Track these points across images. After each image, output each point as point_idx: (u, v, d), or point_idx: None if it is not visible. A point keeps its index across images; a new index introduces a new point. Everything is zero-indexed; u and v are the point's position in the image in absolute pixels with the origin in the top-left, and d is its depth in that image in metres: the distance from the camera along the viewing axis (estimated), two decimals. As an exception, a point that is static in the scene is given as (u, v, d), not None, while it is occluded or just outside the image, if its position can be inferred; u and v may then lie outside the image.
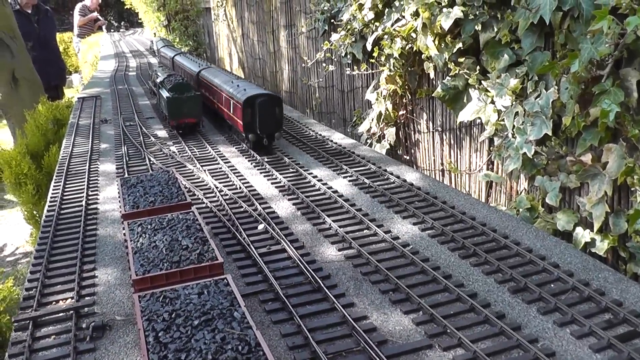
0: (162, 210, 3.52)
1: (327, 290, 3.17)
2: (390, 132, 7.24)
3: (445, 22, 5.43)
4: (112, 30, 37.05)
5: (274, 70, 13.23)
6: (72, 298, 3.31)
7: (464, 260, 3.54)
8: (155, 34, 23.10)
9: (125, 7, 31.53)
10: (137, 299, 2.43)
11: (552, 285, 3.23)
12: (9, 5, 11.41)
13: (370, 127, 7.51)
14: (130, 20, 42.44)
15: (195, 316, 2.25)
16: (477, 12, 5.33)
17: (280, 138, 6.26)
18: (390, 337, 2.81)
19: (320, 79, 9.95)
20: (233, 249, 3.78)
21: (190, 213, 3.31)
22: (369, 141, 7.61)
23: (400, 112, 7.19)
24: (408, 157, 7.38)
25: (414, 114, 7.08)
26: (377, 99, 7.25)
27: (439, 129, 6.62)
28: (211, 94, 7.02)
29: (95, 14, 25.55)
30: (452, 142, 6.46)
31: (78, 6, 25.05)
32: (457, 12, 5.35)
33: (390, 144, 7.26)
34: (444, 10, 5.49)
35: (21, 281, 8.09)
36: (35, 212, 7.65)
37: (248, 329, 2.24)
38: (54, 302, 3.30)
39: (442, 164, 6.75)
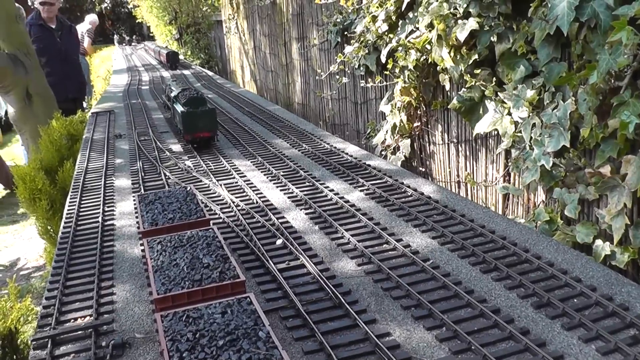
0: (181, 227, 3.50)
1: (348, 307, 3.14)
2: (405, 144, 7.22)
3: (460, 33, 5.41)
4: (124, 44, 37.29)
5: (287, 83, 13.26)
6: (90, 316, 3.29)
7: (485, 274, 3.50)
8: (167, 46, 23.27)
9: (137, 21, 31.78)
10: (159, 318, 2.41)
11: (575, 300, 3.18)
12: (24, 23, 11.48)
13: (385, 139, 7.49)
14: (142, 33, 42.75)
15: (220, 336, 2.22)
16: (493, 24, 5.32)
17: (178, 68, 17.10)
18: (414, 354, 2.78)
19: (334, 91, 9.96)
20: (252, 264, 3.76)
21: (210, 230, 3.29)
22: (383, 153, 7.59)
23: (415, 124, 7.17)
24: (423, 169, 7.36)
25: (429, 126, 7.06)
26: (391, 111, 7.24)
27: (454, 140, 6.60)
28: (158, 55, 18.18)
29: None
30: (467, 153, 6.43)
31: (85, 29, 25.03)
32: (472, 23, 5.34)
33: (405, 156, 7.24)
34: (459, 22, 5.48)
35: (35, 295, 8.12)
36: (49, 227, 7.66)
37: (274, 348, 2.22)
38: (72, 320, 3.28)
39: (457, 176, 6.72)
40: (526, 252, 3.70)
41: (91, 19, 25.12)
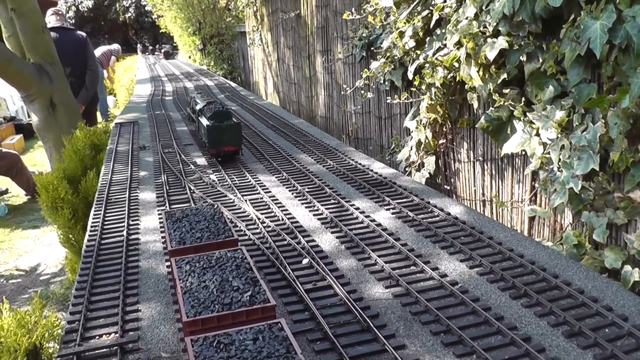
0: (209, 247, 3.48)
1: (376, 331, 3.11)
2: (430, 161, 7.18)
3: (490, 52, 5.36)
4: (147, 53, 37.64)
5: (310, 95, 13.26)
6: (115, 333, 3.28)
7: (515, 300, 3.45)
8: (190, 57, 23.54)
9: (161, 31, 32.04)
10: (189, 342, 2.38)
11: (606, 330, 3.12)
12: (48, 32, 11.54)
13: (410, 156, 7.45)
14: (165, 43, 43.25)
15: (252, 364, 2.20)
16: (522, 43, 5.27)
17: (171, 57, 30.39)
18: (444, 384, 2.74)
19: (358, 106, 9.94)
20: (278, 284, 3.74)
21: (239, 251, 3.26)
22: (407, 169, 7.55)
23: (440, 141, 7.13)
24: (448, 187, 7.31)
25: (454, 143, 7.01)
26: (416, 127, 7.20)
27: (480, 158, 6.55)
28: (160, 52, 26.97)
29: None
30: (493, 172, 6.38)
31: (103, 51, 25.61)
32: (502, 42, 5.29)
33: (429, 173, 7.20)
34: (489, 40, 5.43)
35: (54, 301, 8.15)
36: (70, 236, 7.71)
37: (306, 379, 2.19)
38: (97, 337, 3.27)
39: (482, 195, 6.66)
40: (556, 277, 3.65)
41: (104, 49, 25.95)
